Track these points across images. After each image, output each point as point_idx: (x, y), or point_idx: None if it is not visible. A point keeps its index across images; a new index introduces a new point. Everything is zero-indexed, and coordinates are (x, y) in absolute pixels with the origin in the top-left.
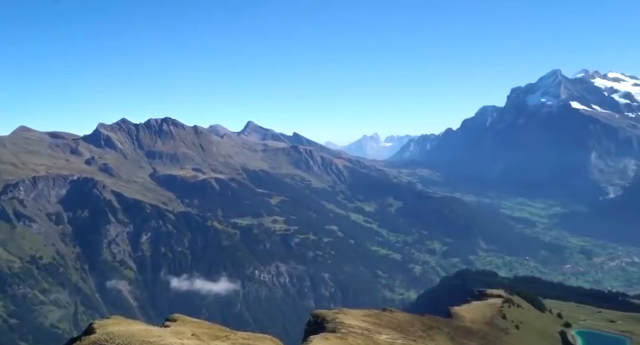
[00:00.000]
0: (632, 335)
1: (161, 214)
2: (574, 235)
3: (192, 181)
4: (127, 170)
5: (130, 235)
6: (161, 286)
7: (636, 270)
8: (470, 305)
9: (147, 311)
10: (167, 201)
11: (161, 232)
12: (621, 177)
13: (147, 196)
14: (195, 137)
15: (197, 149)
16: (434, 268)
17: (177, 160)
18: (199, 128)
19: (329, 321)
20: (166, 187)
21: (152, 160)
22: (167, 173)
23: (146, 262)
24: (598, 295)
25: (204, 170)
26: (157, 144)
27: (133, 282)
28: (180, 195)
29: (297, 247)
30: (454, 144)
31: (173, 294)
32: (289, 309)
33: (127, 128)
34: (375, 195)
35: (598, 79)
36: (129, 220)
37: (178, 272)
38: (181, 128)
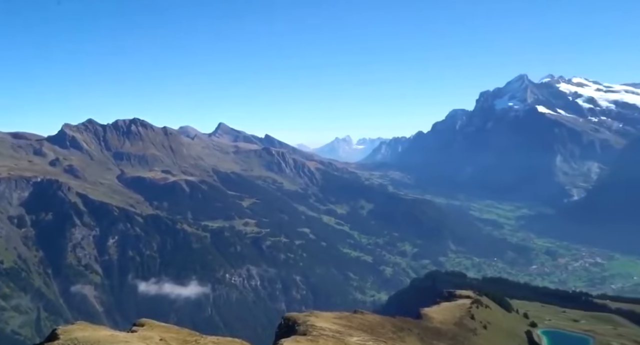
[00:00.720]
0: (595, 335)
1: (129, 216)
2: (539, 236)
3: (162, 183)
4: (93, 171)
5: (97, 238)
6: (128, 291)
7: (599, 271)
8: (439, 306)
9: (113, 316)
10: (135, 204)
11: (129, 235)
12: (585, 179)
13: (114, 198)
14: (165, 138)
15: (167, 150)
16: (405, 270)
17: (146, 162)
18: (168, 129)
19: (300, 324)
20: (134, 189)
21: (120, 161)
22: (136, 175)
23: (113, 266)
24: (562, 295)
25: (173, 172)
26: (125, 145)
27: (99, 287)
28: (149, 198)
29: (268, 249)
30: (424, 147)
31: (141, 299)
32: (260, 312)
33: (94, 129)
34: (347, 198)
35: (563, 84)
36: (95, 223)
37: (146, 276)
38: (150, 129)
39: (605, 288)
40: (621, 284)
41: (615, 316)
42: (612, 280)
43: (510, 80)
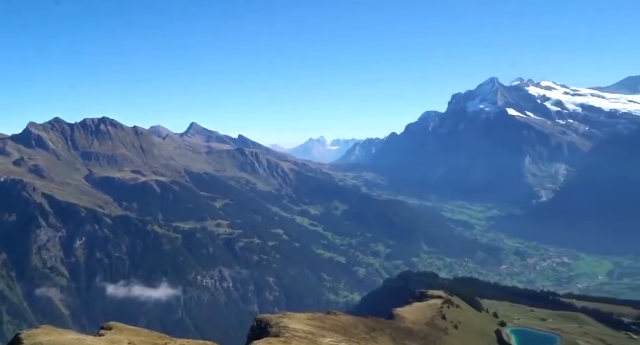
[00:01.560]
0: (562, 333)
1: (97, 218)
2: (509, 237)
3: (132, 184)
4: (60, 172)
5: (63, 240)
6: (96, 294)
7: (566, 271)
8: (412, 306)
9: (80, 320)
10: (104, 205)
11: (97, 237)
12: (553, 181)
13: (82, 199)
14: (136, 138)
15: (137, 150)
16: (378, 270)
17: (116, 162)
18: (139, 129)
19: (272, 326)
20: (103, 190)
21: (88, 161)
22: (105, 175)
23: (80, 268)
24: (531, 295)
25: (144, 173)
26: (93, 145)
27: (65, 290)
28: (119, 199)
29: (241, 251)
30: (398, 148)
31: (109, 302)
32: (232, 314)
33: (61, 128)
34: (321, 199)
35: (532, 87)
36: (61, 224)
37: (115, 279)
38: (120, 129)
39: (572, 287)
40: (587, 284)
41: (581, 315)
42: (578, 279)
43: (482, 83)
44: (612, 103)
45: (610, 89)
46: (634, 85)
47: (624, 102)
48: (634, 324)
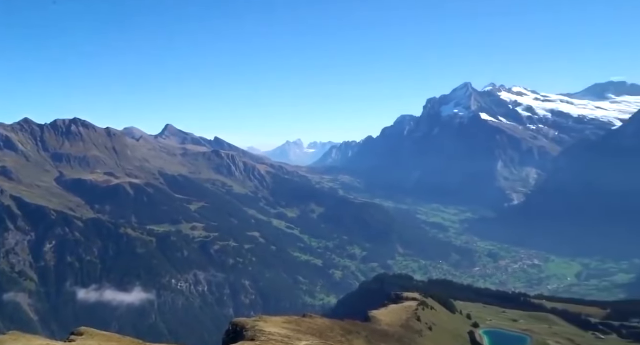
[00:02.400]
0: (532, 334)
1: (68, 220)
2: (482, 239)
3: (104, 186)
4: (29, 173)
5: (32, 243)
6: (66, 298)
7: (536, 272)
8: (387, 308)
9: (49, 326)
10: (75, 207)
11: (67, 240)
12: (524, 185)
13: (52, 202)
14: (108, 139)
15: (110, 152)
16: (354, 273)
17: (87, 164)
18: (112, 130)
19: (248, 330)
20: (74, 192)
21: (59, 163)
22: (76, 177)
23: (50, 272)
24: (503, 296)
25: (117, 175)
26: (64, 146)
27: (34, 295)
28: (90, 201)
29: (217, 254)
30: (374, 152)
31: (80, 307)
32: (207, 318)
33: (30, 129)
34: (297, 201)
35: (504, 92)
36: (30, 227)
37: (86, 283)
38: (92, 130)
39: (542, 289)
40: (556, 285)
41: (550, 315)
42: (548, 281)
43: (456, 88)
44: (580, 109)
45: (578, 95)
46: (600, 92)
47: (591, 108)
48: (600, 324)
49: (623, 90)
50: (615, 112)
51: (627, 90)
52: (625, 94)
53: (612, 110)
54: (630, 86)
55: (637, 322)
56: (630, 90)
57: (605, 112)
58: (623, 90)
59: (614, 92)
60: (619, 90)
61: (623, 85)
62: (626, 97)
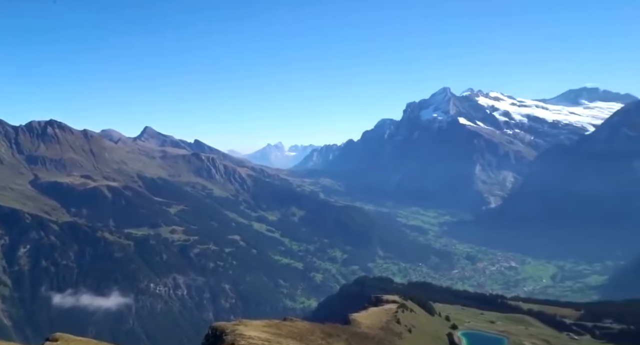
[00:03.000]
0: (509, 335)
1: (43, 224)
2: (461, 242)
3: (81, 189)
4: (3, 176)
5: (5, 248)
6: (41, 303)
7: (513, 274)
8: (367, 311)
9: (23, 331)
10: (51, 210)
11: (43, 244)
12: (501, 188)
13: (26, 205)
14: (85, 141)
15: (87, 154)
16: (335, 276)
17: (64, 167)
18: (89, 132)
19: (228, 333)
20: (50, 195)
21: (34, 166)
22: (52, 180)
23: (24, 277)
24: (481, 298)
25: (94, 178)
26: (39, 149)
27: (7, 300)
28: (66, 204)
29: (196, 257)
30: (355, 155)
31: (55, 312)
32: (186, 322)
33: (4, 130)
34: (278, 204)
35: (482, 97)
36: (4, 231)
37: (62, 288)
38: (69, 132)
39: (519, 290)
40: (532, 287)
41: (527, 317)
42: (524, 283)
43: (435, 93)
44: (554, 114)
45: (552, 100)
46: (574, 98)
47: (565, 113)
48: (574, 325)
49: (596, 97)
50: (588, 117)
51: (600, 96)
52: (598, 100)
53: (585, 116)
54: (603, 92)
55: (609, 323)
56: (602, 97)
57: (579, 118)
58: (596, 97)
59: (587, 98)
60: (591, 96)
61: (596, 92)
62: (598, 103)
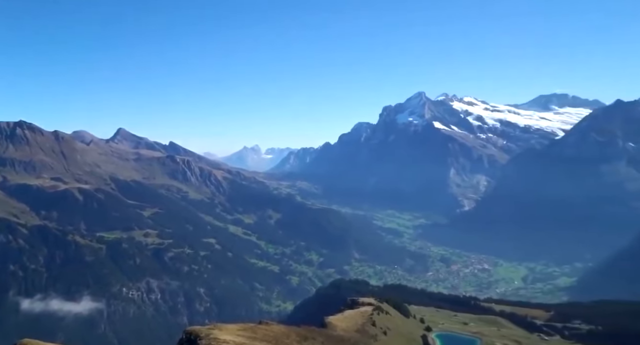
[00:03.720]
0: (482, 336)
1: (11, 227)
2: (435, 244)
3: (51, 191)
4: None
5: None
6: (9, 308)
7: (486, 276)
8: (343, 314)
9: None
10: (20, 213)
11: (10, 248)
12: (474, 191)
13: None
14: (56, 143)
15: (58, 156)
16: (311, 279)
17: (33, 169)
18: (60, 134)
19: (202, 338)
20: (18, 197)
21: (2, 168)
22: (21, 182)
23: None
24: (454, 300)
25: (65, 180)
26: (8, 150)
27: None
28: (36, 207)
29: (171, 261)
30: (331, 158)
31: (23, 317)
32: (160, 327)
33: None
34: (255, 207)
35: (456, 102)
36: None
37: (30, 292)
38: (39, 133)
39: (491, 292)
40: (504, 288)
41: (499, 318)
42: (497, 284)
43: (410, 97)
44: (526, 119)
45: (524, 105)
46: (544, 103)
47: (536, 118)
48: (545, 326)
49: (565, 102)
50: (558, 122)
51: (569, 102)
52: (567, 106)
53: (555, 121)
54: (572, 98)
55: (578, 324)
56: (571, 102)
57: (549, 123)
58: (565, 102)
59: (557, 104)
60: (561, 102)
61: (565, 97)
62: (568, 108)
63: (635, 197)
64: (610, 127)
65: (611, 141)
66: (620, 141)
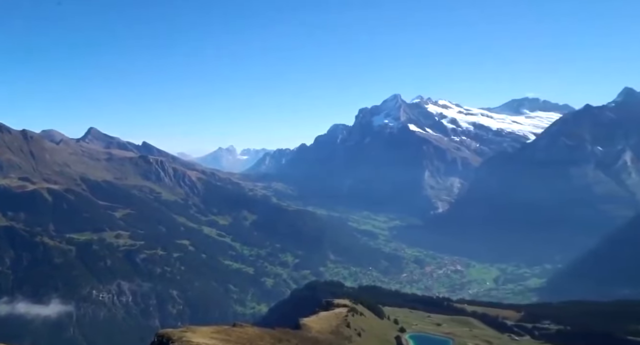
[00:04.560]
0: (454, 337)
1: None
2: (410, 246)
3: (19, 192)
4: None
5: None
6: None
7: (459, 277)
8: (318, 315)
9: None
10: None
11: None
12: (448, 193)
13: None
14: (24, 142)
15: (26, 155)
16: (286, 280)
17: (0, 168)
18: (29, 133)
19: (174, 340)
20: None
21: None
22: None
23: None
24: (428, 301)
25: (33, 180)
26: None
27: None
28: (3, 208)
29: (143, 263)
30: (307, 159)
31: None
32: (131, 330)
33: None
34: (230, 209)
35: (430, 105)
36: None
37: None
38: (6, 132)
39: (464, 293)
40: (477, 289)
41: (471, 319)
42: (469, 285)
43: (386, 99)
44: (498, 122)
45: (497, 109)
46: (516, 107)
47: (508, 122)
48: (515, 326)
49: (536, 106)
50: (529, 126)
51: (540, 106)
52: (538, 110)
53: (526, 125)
54: (543, 102)
55: (547, 324)
56: (542, 107)
57: (521, 126)
58: (536, 106)
59: (529, 108)
60: (533, 106)
61: (536, 102)
62: (539, 112)
63: (602, 200)
64: (579, 131)
65: (580, 145)
66: (589, 145)
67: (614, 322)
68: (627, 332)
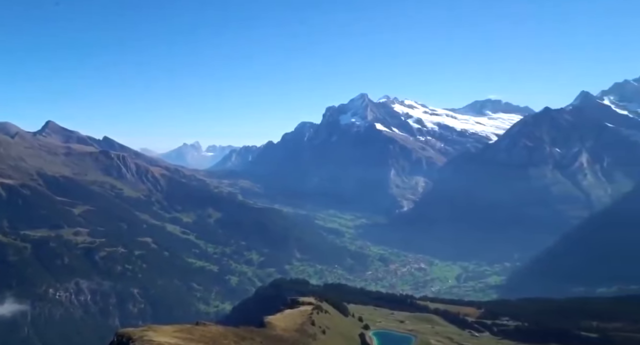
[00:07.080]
0: (417, 333)
1: None
2: (375, 244)
3: None
4: None
5: None
6: None
7: (422, 275)
8: (283, 313)
9: None
10: None
11: None
12: (413, 192)
13: None
14: None
15: None
16: (251, 278)
17: None
18: None
19: (135, 340)
20: None
21: None
22: None
23: None
24: (392, 298)
25: None
26: None
27: None
28: None
29: (102, 261)
30: (274, 157)
31: None
32: (89, 329)
33: None
34: (194, 206)
35: (397, 104)
36: None
37: None
38: None
39: (427, 290)
40: (439, 287)
41: (433, 316)
42: (432, 283)
43: (353, 98)
44: (462, 123)
45: (461, 110)
46: (479, 108)
47: (472, 123)
48: (475, 323)
49: (499, 108)
50: (492, 127)
51: (502, 108)
52: (500, 111)
53: (489, 126)
54: (505, 104)
55: (506, 320)
56: (504, 108)
57: (484, 127)
58: (499, 108)
59: (491, 109)
60: (495, 107)
61: (499, 103)
62: (501, 114)
63: (559, 200)
64: (539, 133)
65: (539, 146)
66: (547, 147)
67: (568, 318)
68: (581, 328)
